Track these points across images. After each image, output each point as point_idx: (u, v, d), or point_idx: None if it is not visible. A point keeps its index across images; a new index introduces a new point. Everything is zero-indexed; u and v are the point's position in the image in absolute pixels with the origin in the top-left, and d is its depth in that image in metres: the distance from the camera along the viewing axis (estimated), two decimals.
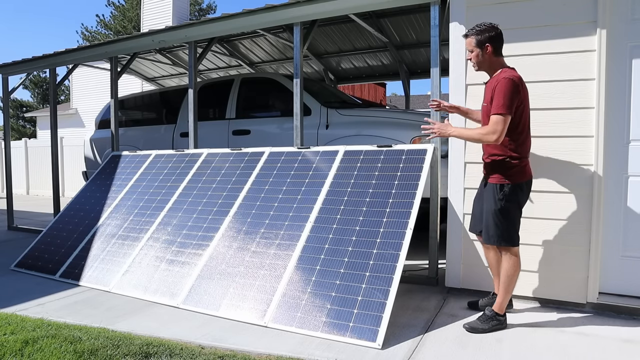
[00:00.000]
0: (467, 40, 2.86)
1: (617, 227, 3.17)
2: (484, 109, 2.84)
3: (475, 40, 2.80)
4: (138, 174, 5.02)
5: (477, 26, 2.82)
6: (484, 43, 2.78)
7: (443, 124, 2.95)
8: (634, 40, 3.08)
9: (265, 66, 8.03)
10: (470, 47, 2.83)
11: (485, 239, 2.89)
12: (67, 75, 6.69)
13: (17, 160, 13.41)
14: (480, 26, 2.80)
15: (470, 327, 2.83)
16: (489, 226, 2.84)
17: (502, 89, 2.64)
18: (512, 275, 2.81)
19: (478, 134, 2.73)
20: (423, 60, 7.11)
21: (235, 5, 63.03)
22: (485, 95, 2.85)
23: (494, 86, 2.71)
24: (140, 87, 13.11)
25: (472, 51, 2.83)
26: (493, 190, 2.81)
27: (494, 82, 2.74)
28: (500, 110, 2.63)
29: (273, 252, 3.41)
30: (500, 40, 2.82)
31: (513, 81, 2.66)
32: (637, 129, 3.11)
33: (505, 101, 2.62)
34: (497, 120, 2.64)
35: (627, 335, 2.74)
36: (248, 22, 4.66)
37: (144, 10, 15.01)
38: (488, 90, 2.79)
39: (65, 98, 28.15)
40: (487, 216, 2.85)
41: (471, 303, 3.24)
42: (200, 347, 2.66)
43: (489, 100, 2.73)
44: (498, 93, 2.65)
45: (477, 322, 2.84)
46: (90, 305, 3.45)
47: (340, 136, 4.72)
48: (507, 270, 2.81)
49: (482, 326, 2.81)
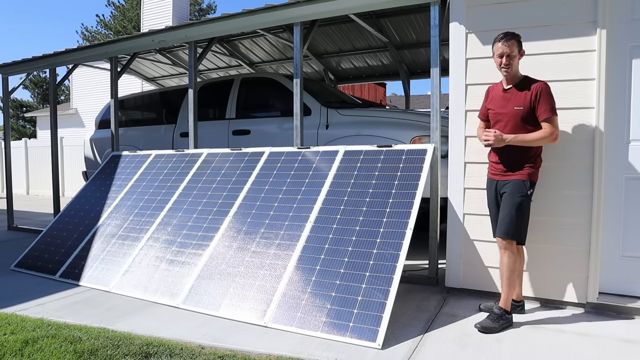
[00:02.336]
0: (505, 43, 2.86)
1: (617, 227, 3.17)
2: (516, 112, 2.90)
3: (518, 44, 2.88)
4: (138, 174, 5.02)
5: (509, 32, 2.90)
6: (521, 47, 2.92)
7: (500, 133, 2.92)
8: (634, 40, 3.08)
9: (265, 66, 8.03)
10: (514, 52, 2.88)
11: (502, 232, 2.89)
12: (67, 75, 6.69)
13: (17, 160, 13.41)
14: (512, 32, 2.90)
15: (482, 327, 2.84)
16: (506, 220, 2.88)
17: (546, 93, 2.84)
18: (514, 269, 2.88)
19: (541, 136, 2.84)
20: (423, 60, 7.11)
21: (235, 5, 63.05)
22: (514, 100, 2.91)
23: (537, 91, 2.84)
24: (140, 87, 13.11)
25: (515, 56, 2.89)
26: (519, 186, 2.89)
27: (535, 88, 2.86)
28: (553, 113, 2.84)
29: (273, 252, 3.41)
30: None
31: (549, 86, 2.89)
32: (637, 129, 3.11)
33: (553, 104, 2.85)
34: (554, 122, 2.84)
35: (627, 335, 2.73)
36: (248, 22, 4.66)
37: (144, 10, 15.01)
38: (520, 95, 2.89)
39: (65, 98, 28.16)
40: (507, 211, 2.89)
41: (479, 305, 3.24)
42: (200, 347, 2.66)
43: (528, 103, 2.85)
44: (544, 97, 2.83)
45: (488, 321, 2.86)
46: (90, 305, 3.45)
47: (340, 136, 4.72)
48: (509, 265, 2.87)
49: (493, 325, 2.83)
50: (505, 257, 2.89)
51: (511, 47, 2.86)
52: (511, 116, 2.92)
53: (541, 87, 2.86)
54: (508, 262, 2.87)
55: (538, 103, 2.84)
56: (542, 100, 2.83)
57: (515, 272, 2.90)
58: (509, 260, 2.87)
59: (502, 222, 2.91)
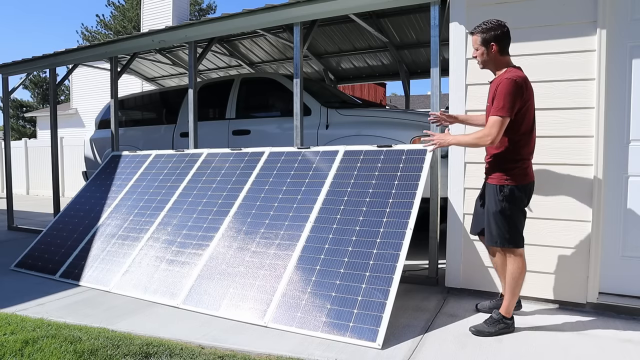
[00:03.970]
0: (472, 37, 2.79)
1: (617, 227, 3.17)
2: (488, 109, 2.80)
3: (481, 39, 2.72)
4: (138, 174, 5.02)
5: (483, 23, 2.74)
6: (489, 42, 2.71)
7: (442, 134, 3.00)
8: (634, 40, 3.09)
9: (265, 66, 8.02)
10: (476, 45, 2.76)
11: (488, 240, 2.85)
12: (67, 75, 6.69)
13: (17, 160, 13.41)
14: (487, 24, 2.73)
15: (476, 330, 2.79)
16: (491, 227, 2.80)
17: (502, 90, 2.59)
18: (517, 277, 2.76)
19: (473, 138, 2.71)
20: (423, 60, 7.11)
21: (235, 5, 63.06)
22: (489, 95, 2.80)
23: (496, 86, 2.67)
24: (140, 87, 13.11)
25: (477, 49, 2.77)
26: (493, 191, 2.77)
27: (496, 82, 2.69)
28: (498, 113, 2.59)
29: (273, 252, 3.41)
30: (507, 38, 2.74)
31: (515, 82, 2.59)
32: (637, 129, 3.11)
33: (505, 103, 2.57)
34: (493, 122, 2.61)
35: (627, 335, 2.74)
36: (248, 22, 4.66)
37: (144, 10, 15.01)
38: (491, 89, 2.75)
39: (65, 98, 28.15)
40: (488, 218, 2.82)
41: (477, 305, 3.22)
42: (200, 347, 2.66)
43: (492, 100, 2.70)
44: (499, 94, 2.60)
45: (483, 325, 2.81)
46: (90, 305, 3.45)
47: (340, 136, 4.72)
48: (513, 272, 2.76)
49: (488, 329, 2.77)
50: (508, 264, 2.79)
51: (474, 41, 2.77)
52: (487, 112, 2.80)
53: (502, 81, 2.62)
54: (511, 270, 2.76)
55: (495, 99, 2.63)
56: (497, 96, 2.61)
57: (520, 280, 2.77)
58: (512, 267, 2.76)
59: (486, 230, 2.84)
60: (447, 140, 2.91)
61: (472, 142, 2.73)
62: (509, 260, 2.79)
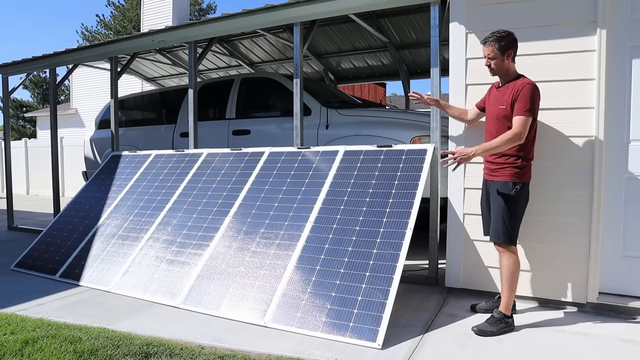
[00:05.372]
0: (486, 46, 2.90)
1: (617, 227, 3.17)
2: (500, 112, 2.88)
3: (498, 46, 2.85)
4: (138, 174, 5.02)
5: (495, 33, 2.87)
6: (506, 50, 2.85)
7: (463, 148, 2.96)
8: (634, 40, 3.08)
9: (265, 66, 8.02)
10: (492, 54, 2.87)
11: (494, 236, 2.90)
12: (67, 75, 6.69)
13: (17, 160, 13.41)
14: (500, 33, 2.86)
15: (478, 330, 2.81)
16: (497, 223, 2.86)
17: (527, 94, 2.76)
18: (514, 271, 2.84)
19: (504, 140, 2.78)
20: (423, 60, 7.11)
21: (235, 5, 63.00)
22: (500, 99, 2.90)
23: (517, 90, 2.79)
24: (140, 87, 13.11)
25: (494, 58, 2.88)
26: (503, 188, 2.85)
27: (515, 87, 2.82)
28: (525, 113, 2.75)
29: (273, 252, 3.41)
30: (517, 46, 2.91)
31: (536, 87, 2.80)
32: (637, 129, 3.11)
33: (531, 105, 2.76)
34: (522, 121, 2.75)
35: (627, 335, 2.73)
36: (248, 22, 4.66)
37: (144, 10, 15.01)
38: (506, 94, 2.86)
39: (65, 98, 28.15)
40: (496, 214, 2.88)
41: (473, 306, 3.23)
42: (200, 347, 2.66)
43: (509, 103, 2.81)
44: (523, 97, 2.76)
45: (485, 324, 2.83)
46: (90, 305, 3.45)
47: (340, 136, 4.72)
48: (509, 266, 2.84)
49: (491, 329, 2.79)
50: (504, 260, 2.86)
51: (490, 49, 2.87)
52: (497, 115, 2.91)
53: (524, 85, 2.79)
54: (507, 265, 2.85)
55: (516, 101, 2.78)
56: (520, 98, 2.77)
57: (516, 275, 2.85)
58: (508, 262, 2.84)
59: (493, 226, 2.91)
60: (471, 152, 2.84)
61: (503, 144, 2.79)
62: (505, 256, 2.86)
